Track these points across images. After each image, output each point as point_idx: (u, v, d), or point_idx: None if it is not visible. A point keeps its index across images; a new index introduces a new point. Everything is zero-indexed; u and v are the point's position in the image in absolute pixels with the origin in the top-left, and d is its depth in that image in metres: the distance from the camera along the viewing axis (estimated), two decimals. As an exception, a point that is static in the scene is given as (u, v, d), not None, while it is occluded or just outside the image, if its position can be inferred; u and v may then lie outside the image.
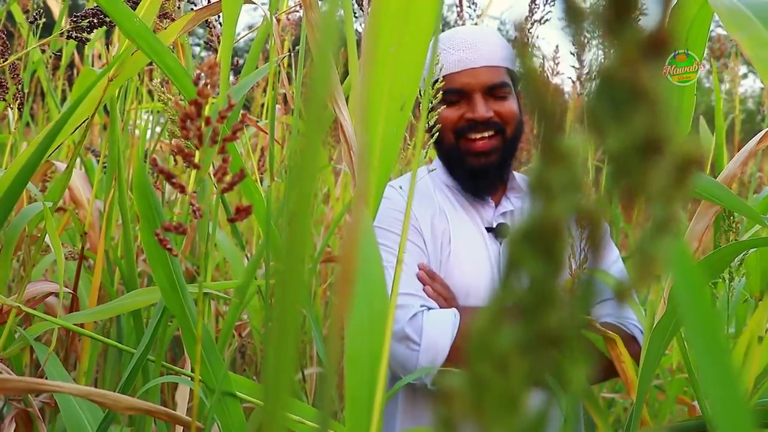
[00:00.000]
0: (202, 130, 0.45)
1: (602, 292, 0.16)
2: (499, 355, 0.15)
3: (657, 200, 0.14)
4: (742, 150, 0.87)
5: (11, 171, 0.76)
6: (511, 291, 0.15)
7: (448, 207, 1.14)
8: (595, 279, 0.16)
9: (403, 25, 0.53)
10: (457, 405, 0.16)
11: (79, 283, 1.08)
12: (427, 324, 0.98)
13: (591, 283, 0.16)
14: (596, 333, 0.92)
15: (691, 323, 0.23)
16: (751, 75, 6.70)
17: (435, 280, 1.06)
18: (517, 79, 1.19)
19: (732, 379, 0.23)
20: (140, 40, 0.67)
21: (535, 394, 0.16)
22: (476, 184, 1.13)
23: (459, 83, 1.09)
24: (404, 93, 0.54)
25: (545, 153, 0.14)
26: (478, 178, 1.12)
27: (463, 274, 1.09)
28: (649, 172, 0.14)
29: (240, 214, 0.45)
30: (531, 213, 0.15)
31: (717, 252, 0.73)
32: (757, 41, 0.66)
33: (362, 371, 0.44)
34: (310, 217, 0.19)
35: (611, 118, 0.14)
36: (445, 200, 1.14)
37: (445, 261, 1.09)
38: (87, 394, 0.55)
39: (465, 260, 1.10)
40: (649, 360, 0.77)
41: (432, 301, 1.04)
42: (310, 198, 0.19)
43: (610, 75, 0.14)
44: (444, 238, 1.10)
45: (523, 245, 0.15)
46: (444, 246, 1.10)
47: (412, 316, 1.00)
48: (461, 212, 1.14)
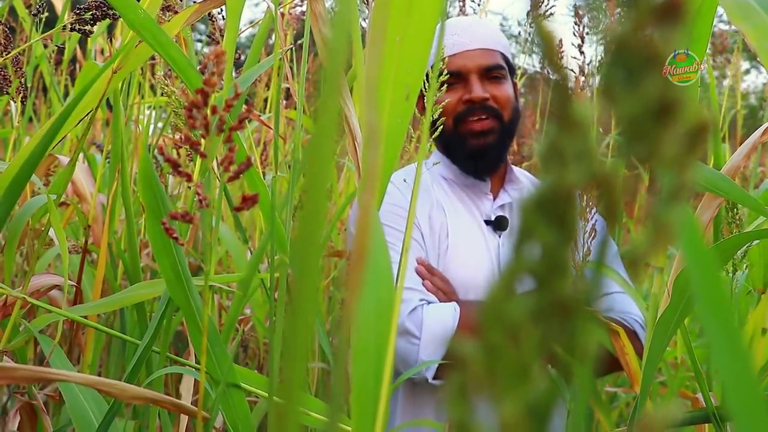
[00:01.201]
0: (208, 119, 0.45)
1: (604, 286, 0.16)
2: (511, 324, 0.16)
3: (669, 167, 0.14)
4: (746, 143, 0.87)
5: (15, 163, 0.76)
6: (523, 260, 0.16)
7: (446, 200, 1.14)
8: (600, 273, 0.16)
9: (408, 16, 0.53)
10: (470, 374, 0.16)
11: (82, 277, 1.08)
12: (427, 318, 0.99)
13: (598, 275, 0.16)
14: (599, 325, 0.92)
15: (705, 306, 0.23)
16: (754, 71, 6.68)
17: (434, 275, 1.06)
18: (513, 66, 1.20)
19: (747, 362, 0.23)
20: (145, 32, 0.67)
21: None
22: (476, 165, 1.13)
23: (455, 66, 1.10)
24: (409, 83, 0.54)
25: (558, 121, 0.14)
26: (477, 158, 1.13)
27: (462, 267, 1.09)
28: (662, 139, 0.14)
29: (246, 202, 0.45)
30: (543, 181, 0.15)
31: (720, 244, 0.73)
32: (761, 32, 0.66)
33: (369, 362, 0.44)
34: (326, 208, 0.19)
35: (624, 85, 0.14)
36: (442, 194, 1.14)
37: (444, 255, 1.09)
38: (94, 383, 0.55)
39: (463, 254, 1.10)
40: (652, 353, 0.77)
41: (432, 296, 1.04)
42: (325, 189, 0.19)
43: (623, 41, 0.14)
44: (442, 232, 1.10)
45: (535, 214, 0.15)
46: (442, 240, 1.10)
47: (412, 310, 1.00)
48: (459, 205, 1.14)
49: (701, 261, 0.23)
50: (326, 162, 0.17)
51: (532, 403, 0.15)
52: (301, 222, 0.17)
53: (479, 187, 1.16)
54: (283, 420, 0.16)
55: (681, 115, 0.14)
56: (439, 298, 1.04)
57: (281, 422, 0.16)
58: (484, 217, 1.14)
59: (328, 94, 0.16)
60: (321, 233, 0.18)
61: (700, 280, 0.23)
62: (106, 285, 1.18)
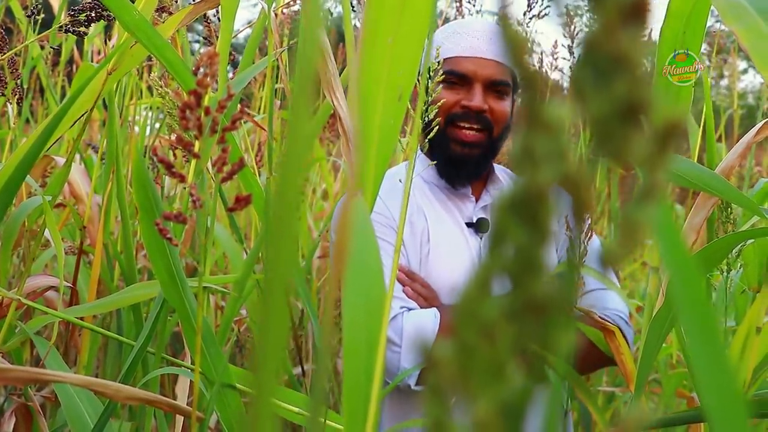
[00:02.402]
0: (201, 120, 0.46)
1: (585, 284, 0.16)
2: (485, 323, 0.16)
3: (641, 166, 0.14)
4: (740, 142, 0.87)
5: (10, 164, 0.76)
6: (497, 260, 0.16)
7: (426, 204, 1.13)
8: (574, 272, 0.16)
9: (400, 16, 0.53)
10: (445, 373, 0.16)
11: (78, 278, 1.08)
12: (408, 325, 0.98)
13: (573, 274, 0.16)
14: (592, 325, 0.92)
15: (687, 317, 0.23)
16: (751, 70, 6.69)
17: (414, 280, 1.06)
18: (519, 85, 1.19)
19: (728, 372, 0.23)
20: (140, 33, 0.67)
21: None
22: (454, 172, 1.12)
23: (464, 68, 1.09)
24: (401, 84, 0.54)
25: (530, 121, 0.14)
26: (456, 166, 1.12)
27: (445, 270, 1.08)
28: (632, 138, 0.14)
29: (239, 203, 0.45)
30: (516, 181, 0.15)
31: (714, 243, 0.73)
32: (754, 32, 0.66)
33: (359, 360, 0.44)
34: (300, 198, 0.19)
35: (594, 85, 0.14)
36: (422, 197, 1.13)
37: (425, 259, 1.09)
38: (89, 384, 0.55)
39: (446, 257, 1.09)
40: (647, 352, 0.77)
41: (412, 302, 1.03)
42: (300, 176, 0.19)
43: (593, 42, 0.14)
44: (423, 236, 1.09)
45: (509, 214, 0.15)
46: (423, 244, 1.09)
47: (392, 318, 1.00)
48: (440, 208, 1.13)
49: (680, 264, 0.23)
50: (300, 159, 0.17)
51: (506, 402, 0.15)
52: (276, 210, 0.17)
53: (461, 190, 1.16)
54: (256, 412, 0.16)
55: (651, 115, 0.14)
56: (420, 304, 1.03)
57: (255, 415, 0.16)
58: (465, 219, 1.14)
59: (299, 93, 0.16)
60: (295, 224, 0.19)
61: (679, 284, 0.23)
62: (102, 286, 1.18)
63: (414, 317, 0.99)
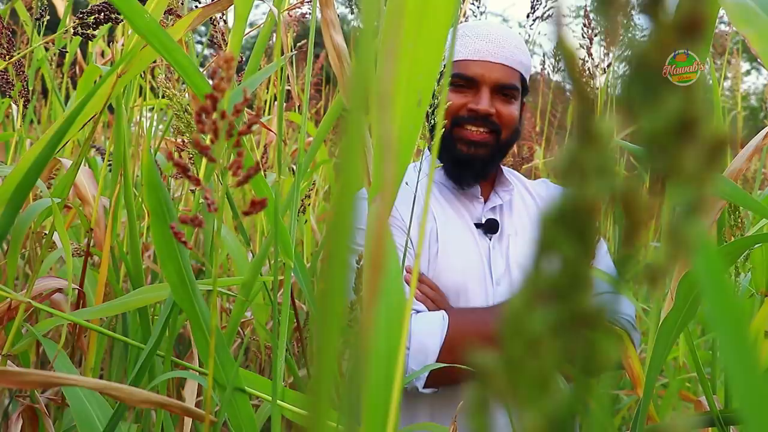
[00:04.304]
0: (217, 123, 0.46)
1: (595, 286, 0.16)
2: (532, 337, 0.16)
3: (689, 182, 0.15)
4: (748, 145, 0.87)
5: (20, 167, 0.76)
6: (543, 273, 0.16)
7: (434, 204, 1.13)
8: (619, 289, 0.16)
9: (421, 21, 0.53)
10: (491, 386, 0.16)
11: (84, 280, 1.08)
12: (416, 327, 0.98)
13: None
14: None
15: (714, 308, 0.23)
16: (754, 72, 6.69)
17: (422, 282, 1.06)
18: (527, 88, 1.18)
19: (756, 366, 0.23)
20: (151, 37, 0.67)
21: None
22: (460, 173, 1.12)
23: (471, 71, 1.09)
24: (421, 89, 0.54)
25: (579, 135, 0.15)
26: (462, 167, 1.11)
27: (452, 271, 1.08)
28: (682, 154, 0.14)
29: (255, 207, 0.45)
30: (564, 195, 0.15)
31: (723, 247, 0.73)
32: (765, 36, 0.66)
33: (380, 367, 0.44)
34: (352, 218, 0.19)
35: (644, 101, 0.14)
36: (431, 197, 1.14)
37: (434, 260, 1.08)
38: (103, 387, 0.55)
39: (454, 258, 1.09)
40: (656, 356, 0.77)
41: (420, 304, 1.03)
42: (353, 192, 0.19)
43: (645, 57, 0.14)
44: (431, 237, 1.09)
45: (555, 227, 0.15)
46: (432, 244, 1.09)
47: None
48: (448, 209, 1.13)
49: (709, 264, 0.23)
50: (351, 199, 0.17)
51: (553, 416, 0.15)
52: (331, 225, 0.17)
53: (469, 190, 1.15)
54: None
55: (700, 131, 0.14)
56: (427, 306, 1.03)
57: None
58: (474, 220, 1.13)
59: (352, 128, 0.16)
60: (350, 238, 0.19)
61: (708, 283, 0.23)
62: (109, 288, 1.18)
63: (422, 319, 0.99)
